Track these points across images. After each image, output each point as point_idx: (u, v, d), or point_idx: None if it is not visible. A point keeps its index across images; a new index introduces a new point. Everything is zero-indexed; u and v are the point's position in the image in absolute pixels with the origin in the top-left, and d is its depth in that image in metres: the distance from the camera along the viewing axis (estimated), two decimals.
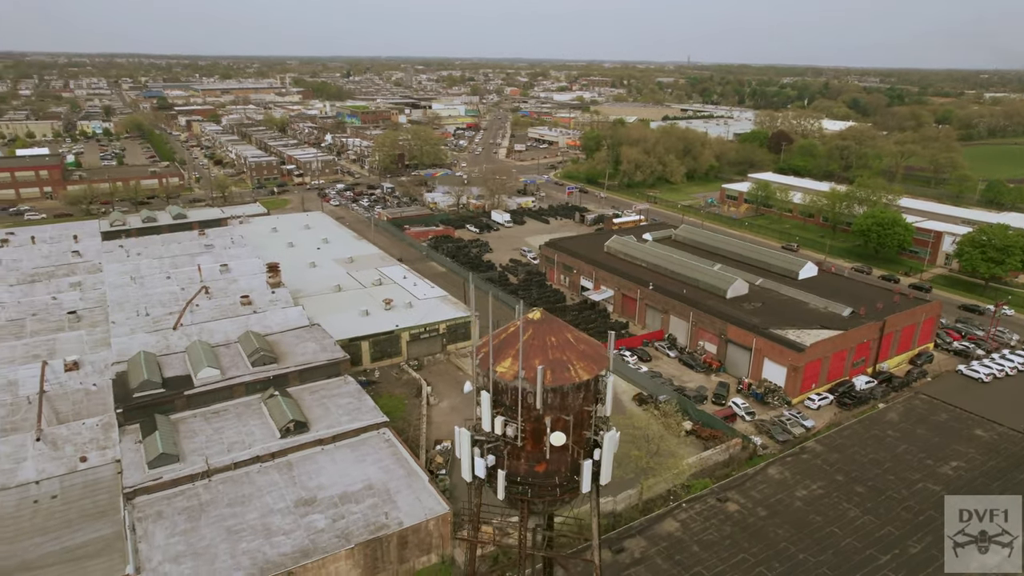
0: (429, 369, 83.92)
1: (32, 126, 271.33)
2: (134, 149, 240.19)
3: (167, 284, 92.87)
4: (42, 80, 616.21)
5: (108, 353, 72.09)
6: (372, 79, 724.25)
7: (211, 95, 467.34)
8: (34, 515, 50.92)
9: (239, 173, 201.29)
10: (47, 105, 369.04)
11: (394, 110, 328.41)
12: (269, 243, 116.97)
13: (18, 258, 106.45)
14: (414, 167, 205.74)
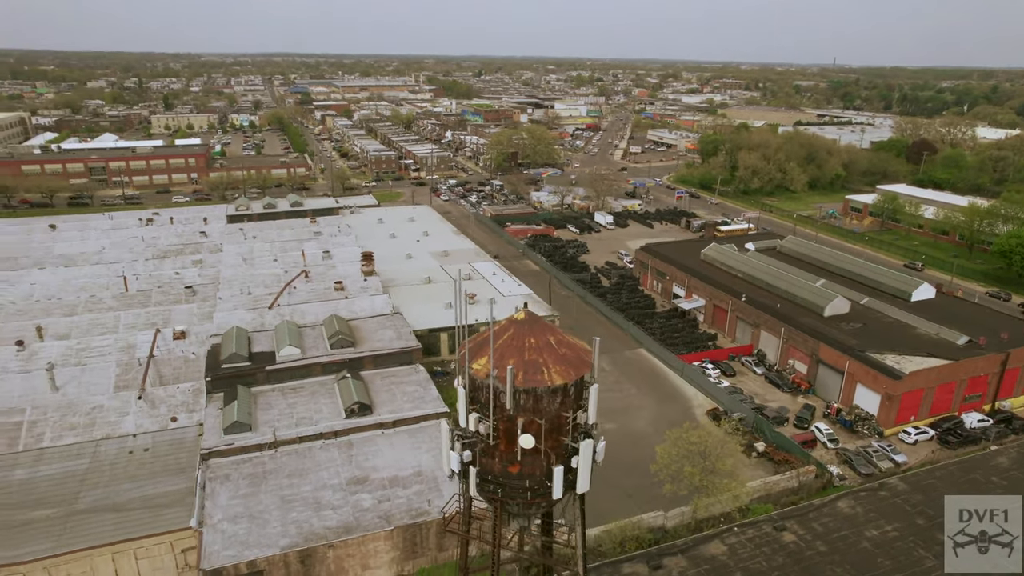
0: None
1: (193, 119, 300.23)
2: (273, 141, 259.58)
3: (273, 266, 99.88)
4: (210, 78, 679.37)
5: (211, 326, 78.69)
6: (502, 78, 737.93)
7: (350, 91, 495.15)
8: (128, 464, 56.67)
9: (361, 166, 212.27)
10: (209, 100, 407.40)
11: (516, 109, 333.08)
12: (373, 233, 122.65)
13: (157, 236, 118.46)
14: (526, 166, 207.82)
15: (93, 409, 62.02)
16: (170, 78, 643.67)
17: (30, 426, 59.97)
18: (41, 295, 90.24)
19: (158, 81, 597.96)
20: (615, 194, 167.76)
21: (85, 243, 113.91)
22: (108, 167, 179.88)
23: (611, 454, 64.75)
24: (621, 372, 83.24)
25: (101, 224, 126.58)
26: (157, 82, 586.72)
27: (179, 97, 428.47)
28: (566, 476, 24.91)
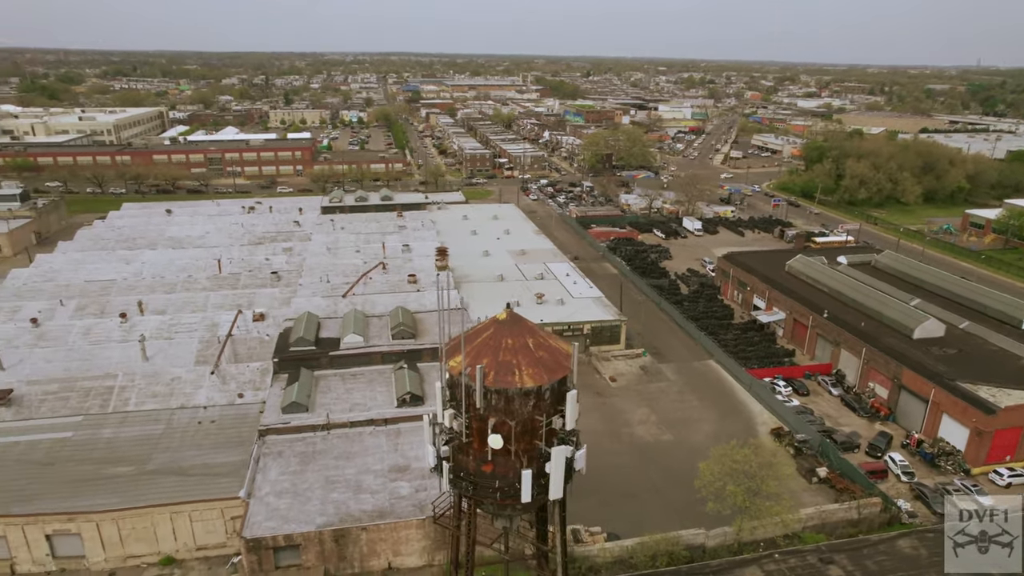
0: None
1: (307, 114, 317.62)
2: (378, 137, 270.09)
3: (354, 257, 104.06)
4: (329, 75, 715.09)
5: (289, 310, 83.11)
6: (611, 79, 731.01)
7: (458, 90, 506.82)
8: (195, 433, 60.93)
9: (457, 163, 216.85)
10: (325, 97, 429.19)
11: (619, 110, 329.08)
12: (456, 229, 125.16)
13: (255, 223, 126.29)
14: (620, 168, 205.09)
15: (173, 380, 67.09)
16: (293, 76, 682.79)
17: (120, 391, 65.66)
18: (148, 273, 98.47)
19: (283, 79, 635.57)
20: (708, 200, 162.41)
21: (193, 227, 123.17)
22: (224, 158, 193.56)
23: (663, 466, 63.52)
24: (686, 383, 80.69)
25: (209, 210, 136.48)
26: (282, 79, 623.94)
27: (299, 94, 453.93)
28: (538, 480, 24.63)
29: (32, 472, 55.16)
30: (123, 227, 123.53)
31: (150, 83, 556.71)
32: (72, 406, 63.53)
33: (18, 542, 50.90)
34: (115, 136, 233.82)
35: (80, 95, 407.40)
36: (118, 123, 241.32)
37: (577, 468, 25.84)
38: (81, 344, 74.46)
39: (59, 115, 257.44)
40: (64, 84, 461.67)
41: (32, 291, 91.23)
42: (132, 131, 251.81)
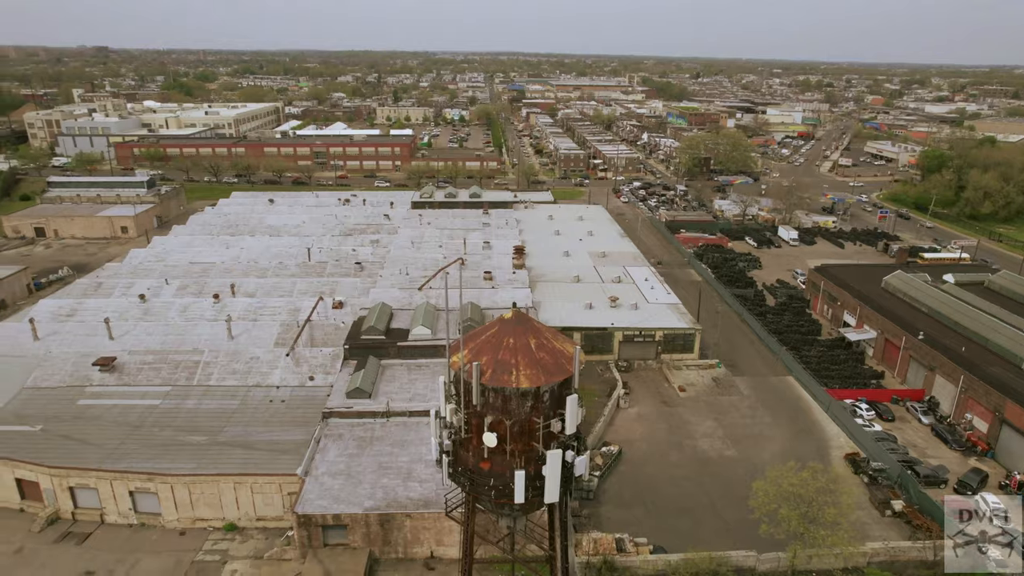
0: (636, 374, 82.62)
1: (412, 111, 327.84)
2: (477, 135, 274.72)
3: (435, 251, 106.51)
4: (438, 74, 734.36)
5: (366, 299, 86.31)
6: (721, 81, 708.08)
7: (563, 90, 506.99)
8: (266, 411, 64.57)
9: (551, 163, 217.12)
10: (432, 95, 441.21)
11: (724, 113, 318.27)
12: (539, 228, 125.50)
13: (348, 215, 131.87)
14: (718, 172, 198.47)
15: (251, 359, 71.30)
16: (405, 74, 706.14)
17: (205, 366, 70.54)
18: (245, 258, 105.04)
19: (395, 77, 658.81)
20: (808, 208, 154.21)
21: (291, 217, 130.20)
22: (328, 152, 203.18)
23: (723, 482, 61.26)
24: (759, 398, 77.15)
25: (307, 201, 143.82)
26: (394, 78, 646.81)
27: (407, 92, 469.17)
28: (533, 482, 24.40)
29: (123, 433, 60.30)
30: (229, 214, 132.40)
31: (273, 80, 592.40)
32: (163, 377, 68.89)
33: (107, 495, 55.83)
34: (235, 129, 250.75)
35: (212, 92, 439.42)
36: (238, 117, 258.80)
37: (577, 474, 25.37)
38: (177, 320, 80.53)
39: (190, 110, 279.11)
40: (199, 82, 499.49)
41: (145, 270, 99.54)
42: (250, 125, 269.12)
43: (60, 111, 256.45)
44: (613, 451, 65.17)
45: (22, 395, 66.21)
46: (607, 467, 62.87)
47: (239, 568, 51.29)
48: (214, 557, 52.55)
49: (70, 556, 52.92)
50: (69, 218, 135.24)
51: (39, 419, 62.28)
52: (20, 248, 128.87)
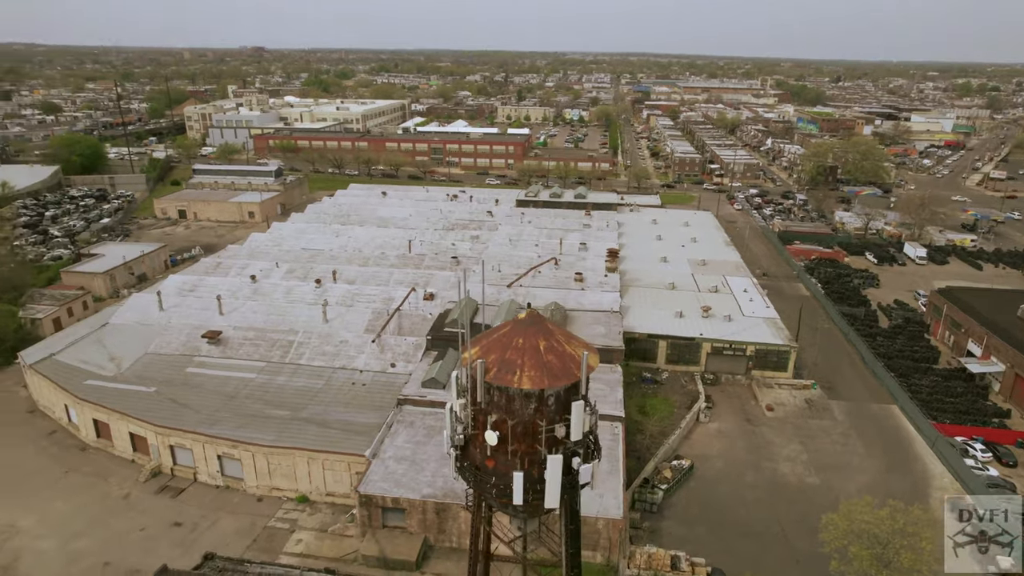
0: (723, 388, 79.31)
1: (532, 111, 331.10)
2: (594, 136, 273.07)
3: (531, 250, 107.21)
4: (565, 75, 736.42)
5: (456, 293, 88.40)
6: (864, 85, 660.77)
7: (690, 92, 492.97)
8: (347, 393, 67.86)
9: (666, 166, 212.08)
10: (555, 95, 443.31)
11: (860, 119, 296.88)
12: (640, 232, 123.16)
13: (453, 211, 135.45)
14: (845, 182, 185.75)
15: (341, 343, 75.12)
16: (531, 74, 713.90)
17: (298, 346, 75.16)
18: (351, 247, 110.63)
19: (521, 77, 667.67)
20: (945, 224, 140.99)
21: (400, 210, 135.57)
22: (444, 148, 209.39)
23: (799, 510, 58.01)
24: (854, 425, 71.73)
25: (417, 195, 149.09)
26: (520, 77, 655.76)
27: (532, 91, 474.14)
28: (534, 485, 24.20)
29: (219, 402, 65.48)
30: (344, 204, 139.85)
31: (405, 78, 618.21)
32: (260, 353, 74.08)
33: (200, 456, 60.93)
34: (362, 124, 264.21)
35: (348, 89, 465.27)
36: (365, 113, 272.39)
37: (583, 483, 24.89)
38: (280, 301, 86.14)
39: (323, 105, 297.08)
40: (338, 79, 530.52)
41: (261, 253, 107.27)
42: (376, 120, 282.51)
43: (213, 106, 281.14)
44: (684, 465, 62.97)
45: (144, 359, 73.49)
46: (675, 481, 60.85)
47: (304, 538, 54.33)
48: (284, 525, 55.97)
49: (165, 507, 58.24)
50: (206, 202, 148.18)
51: (154, 381, 68.88)
52: (165, 228, 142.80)
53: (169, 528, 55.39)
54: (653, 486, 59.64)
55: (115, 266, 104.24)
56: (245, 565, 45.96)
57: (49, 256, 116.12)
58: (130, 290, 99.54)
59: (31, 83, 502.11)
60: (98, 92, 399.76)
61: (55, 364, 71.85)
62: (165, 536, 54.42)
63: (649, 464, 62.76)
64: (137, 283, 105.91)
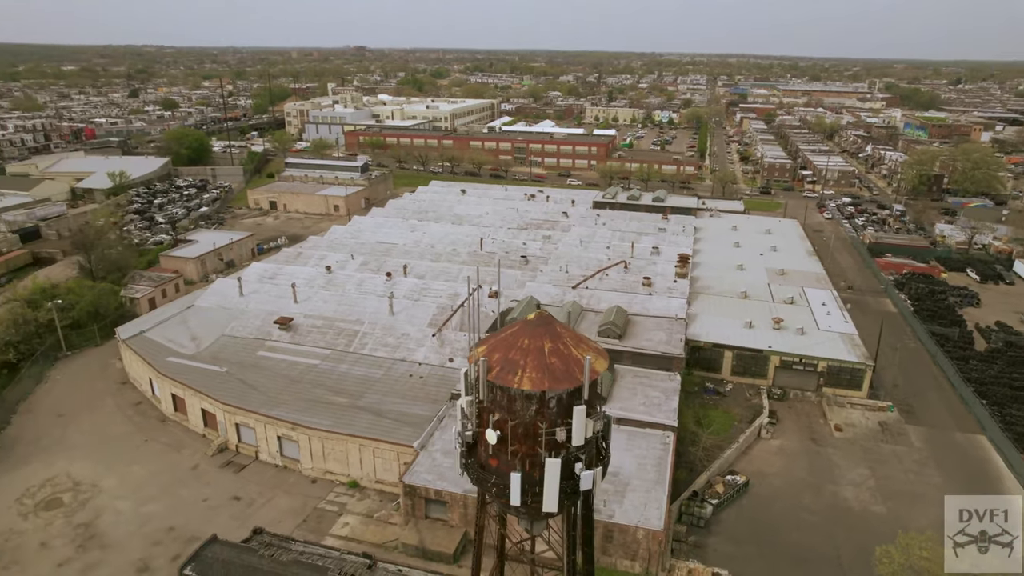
0: (790, 404, 75.85)
1: (620, 112, 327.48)
2: (683, 139, 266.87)
3: (602, 252, 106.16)
4: (660, 75, 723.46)
5: (520, 292, 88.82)
6: (988, 87, 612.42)
7: (789, 95, 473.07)
8: (404, 384, 69.52)
9: (755, 171, 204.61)
10: (647, 96, 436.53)
11: (978, 125, 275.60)
12: (718, 238, 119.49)
13: (529, 210, 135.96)
14: (952, 192, 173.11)
15: (402, 335, 77.02)
16: (625, 74, 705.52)
17: (362, 336, 77.68)
18: (424, 242, 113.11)
19: (615, 77, 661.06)
20: None
21: (477, 207, 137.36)
22: (527, 148, 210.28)
23: (858, 540, 55.27)
24: (932, 453, 66.88)
25: (496, 194, 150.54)
26: (614, 78, 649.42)
27: (624, 92, 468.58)
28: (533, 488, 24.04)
29: (283, 385, 68.60)
30: (423, 200, 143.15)
31: (498, 78, 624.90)
32: (327, 341, 77.04)
33: (261, 435, 64.11)
34: (449, 123, 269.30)
35: (441, 88, 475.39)
36: (454, 112, 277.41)
37: (584, 488, 24.49)
38: (351, 292, 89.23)
39: (415, 103, 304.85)
40: (432, 78, 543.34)
41: (340, 245, 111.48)
42: (464, 119, 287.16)
43: (311, 102, 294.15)
44: (738, 481, 60.70)
45: (220, 340, 77.99)
46: (727, 497, 58.77)
47: (351, 522, 56.12)
48: (333, 508, 58.02)
49: (227, 481, 61.65)
50: (295, 195, 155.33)
51: (227, 362, 72.99)
52: (256, 218, 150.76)
53: (229, 501, 58.60)
54: (702, 500, 57.85)
55: (206, 252, 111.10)
56: (289, 542, 47.91)
57: (152, 241, 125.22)
58: (218, 275, 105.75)
59: (157, 81, 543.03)
60: (211, 89, 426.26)
61: (144, 340, 77.42)
62: (224, 508, 57.62)
63: (701, 477, 60.91)
64: (225, 269, 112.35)
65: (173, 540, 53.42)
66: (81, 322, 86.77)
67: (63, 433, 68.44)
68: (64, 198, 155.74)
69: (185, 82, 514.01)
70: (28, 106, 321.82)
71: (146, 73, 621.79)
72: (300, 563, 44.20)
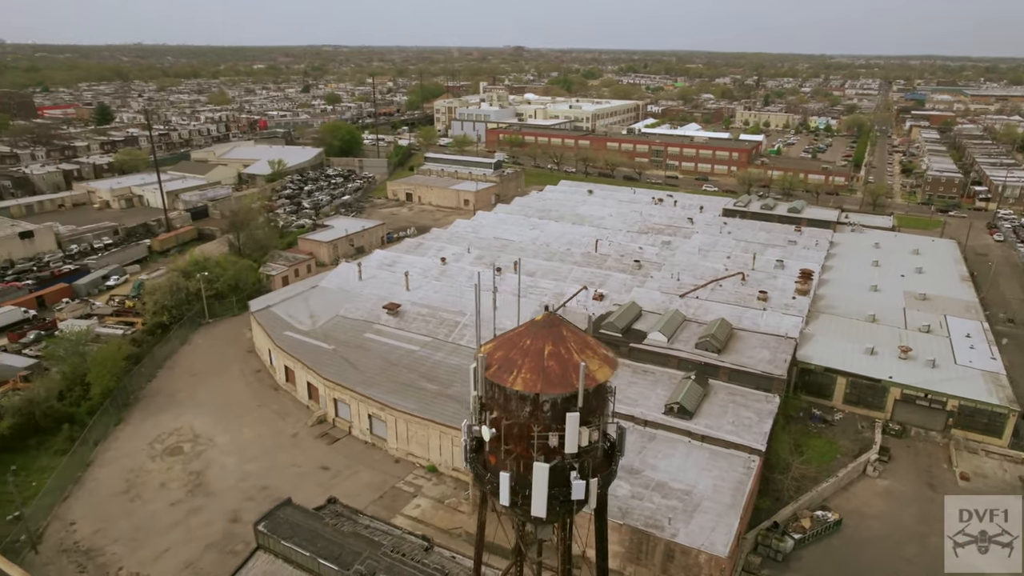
0: (909, 443, 68.69)
1: (773, 117, 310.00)
2: (839, 147, 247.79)
3: (719, 262, 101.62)
4: (826, 79, 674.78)
5: (627, 296, 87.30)
6: None
7: (979, 101, 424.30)
8: None
9: (915, 186, 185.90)
10: (811, 100, 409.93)
11: None
12: (855, 256, 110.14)
13: (653, 214, 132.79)
14: None
15: (499, 330, 78.13)
16: (788, 77, 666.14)
17: (462, 327, 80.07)
18: (541, 240, 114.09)
19: (775, 80, 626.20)
20: None
21: (600, 209, 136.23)
22: (665, 151, 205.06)
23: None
24: None
25: (622, 196, 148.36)
26: (774, 81, 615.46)
27: (782, 96, 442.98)
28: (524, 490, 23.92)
29: (381, 367, 72.39)
30: (547, 199, 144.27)
31: (651, 79, 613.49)
32: (428, 329, 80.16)
33: (355, 412, 68.20)
34: (591, 123, 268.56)
35: (591, 88, 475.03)
36: (596, 112, 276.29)
37: (574, 498, 24.00)
38: (459, 284, 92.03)
39: (559, 103, 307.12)
40: (583, 79, 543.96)
41: (459, 238, 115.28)
42: (607, 120, 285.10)
43: (459, 100, 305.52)
44: (829, 518, 56.04)
45: (334, 320, 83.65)
46: (813, 533, 54.48)
47: (422, 505, 58.28)
48: (409, 489, 60.54)
49: (321, 451, 66.21)
50: (430, 188, 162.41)
51: (336, 341, 78.19)
52: (392, 208, 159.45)
53: (317, 470, 62.94)
54: (784, 532, 54.06)
55: (338, 237, 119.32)
56: (358, 515, 50.69)
57: (295, 224, 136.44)
58: (347, 259, 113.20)
59: (327, 78, 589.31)
60: (372, 86, 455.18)
61: (269, 314, 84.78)
62: (312, 476, 61.97)
63: (786, 508, 56.89)
64: (355, 254, 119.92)
65: (264, 498, 58.27)
66: (223, 293, 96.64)
67: (193, 391, 76.76)
68: (232, 182, 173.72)
69: (352, 79, 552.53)
70: (219, 100, 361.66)
71: (320, 70, 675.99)
72: (358, 535, 46.69)
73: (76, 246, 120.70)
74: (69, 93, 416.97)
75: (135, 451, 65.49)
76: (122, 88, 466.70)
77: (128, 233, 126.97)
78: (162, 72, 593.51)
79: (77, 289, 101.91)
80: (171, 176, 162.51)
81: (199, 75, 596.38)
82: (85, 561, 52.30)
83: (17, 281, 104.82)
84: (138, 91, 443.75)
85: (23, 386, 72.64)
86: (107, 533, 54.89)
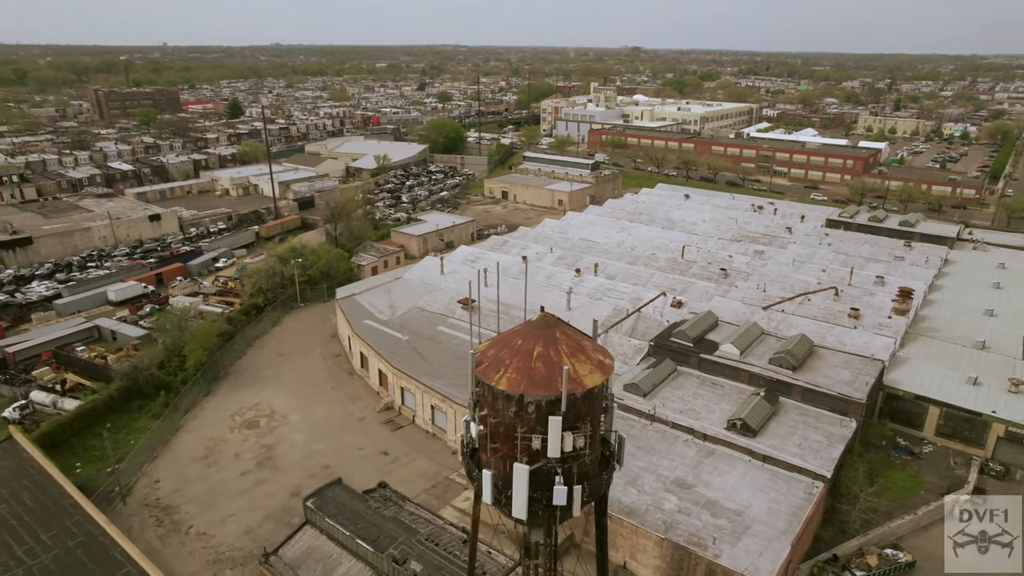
0: (1013, 486, 62.16)
1: (901, 123, 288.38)
2: (975, 157, 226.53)
3: (813, 275, 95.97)
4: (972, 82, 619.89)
5: (705, 305, 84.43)
6: None
7: None
8: None
9: None
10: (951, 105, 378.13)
11: None
12: (973, 276, 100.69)
13: (750, 222, 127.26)
14: None
15: None
16: (926, 80, 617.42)
17: None
18: (626, 244, 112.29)
19: (912, 84, 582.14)
20: None
21: (694, 214, 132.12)
22: (773, 156, 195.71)
23: None
24: None
25: (720, 202, 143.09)
26: (910, 84, 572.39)
27: (916, 100, 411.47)
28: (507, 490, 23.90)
29: (448, 360, 74.02)
30: (641, 202, 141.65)
31: (772, 82, 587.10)
32: (499, 326, 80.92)
33: (419, 402, 70.23)
34: (699, 126, 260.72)
35: (706, 90, 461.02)
36: (705, 115, 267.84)
37: (555, 503, 23.69)
38: (538, 282, 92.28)
39: (667, 105, 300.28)
40: (698, 80, 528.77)
41: (544, 238, 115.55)
42: (716, 123, 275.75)
43: (566, 100, 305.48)
44: (901, 559, 51.86)
45: (411, 312, 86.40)
46: (879, 572, 50.61)
47: (471, 499, 59.07)
48: (462, 481, 61.48)
49: (383, 436, 68.70)
50: (525, 187, 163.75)
51: (410, 332, 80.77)
52: (487, 205, 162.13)
53: (378, 454, 65.35)
54: (844, 567, 50.59)
55: (428, 232, 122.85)
56: (404, 501, 52.35)
57: (392, 217, 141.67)
58: (435, 253, 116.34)
59: (443, 77, 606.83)
60: (486, 85, 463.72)
61: (352, 302, 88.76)
62: (372, 459, 64.41)
63: (851, 542, 53.18)
64: (444, 248, 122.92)
65: (325, 476, 61.00)
66: (315, 280, 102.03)
67: (277, 370, 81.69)
68: (339, 175, 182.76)
69: (467, 78, 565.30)
70: (340, 96, 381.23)
71: (438, 69, 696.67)
72: (398, 521, 48.22)
73: (195, 229, 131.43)
74: (211, 90, 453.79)
75: (218, 421, 70.61)
76: (255, 85, 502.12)
77: (240, 219, 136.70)
78: (291, 70, 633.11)
79: (190, 269, 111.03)
80: (284, 167, 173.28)
81: (324, 72, 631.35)
82: (163, 516, 57.09)
83: (143, 259, 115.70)
84: (269, 87, 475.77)
85: (134, 354, 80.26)
86: (184, 493, 59.61)
